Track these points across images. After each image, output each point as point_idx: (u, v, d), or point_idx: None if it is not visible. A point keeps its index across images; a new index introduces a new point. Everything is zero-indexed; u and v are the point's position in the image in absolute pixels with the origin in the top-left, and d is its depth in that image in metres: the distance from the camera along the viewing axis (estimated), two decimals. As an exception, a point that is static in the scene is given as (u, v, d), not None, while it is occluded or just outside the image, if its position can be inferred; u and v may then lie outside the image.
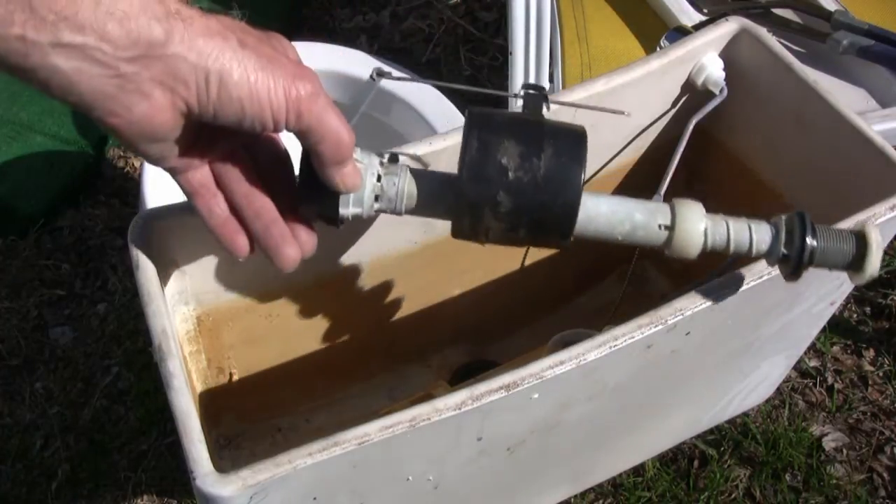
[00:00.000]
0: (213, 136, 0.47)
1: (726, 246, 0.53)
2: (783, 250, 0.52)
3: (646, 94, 0.76)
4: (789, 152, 0.77)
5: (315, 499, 0.55)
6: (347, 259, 0.74)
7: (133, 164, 1.49)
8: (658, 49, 0.98)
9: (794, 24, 1.11)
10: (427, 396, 0.78)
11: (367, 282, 0.77)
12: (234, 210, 0.51)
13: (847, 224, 0.62)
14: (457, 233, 0.51)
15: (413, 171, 0.52)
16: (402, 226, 0.74)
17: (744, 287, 0.60)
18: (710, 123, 0.77)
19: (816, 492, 1.12)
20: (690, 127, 0.75)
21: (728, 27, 0.76)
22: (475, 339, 0.92)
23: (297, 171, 0.51)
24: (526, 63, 1.16)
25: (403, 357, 0.90)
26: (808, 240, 0.52)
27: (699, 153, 0.81)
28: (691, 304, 0.59)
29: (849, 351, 1.27)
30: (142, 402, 1.20)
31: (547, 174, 0.48)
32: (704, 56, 0.76)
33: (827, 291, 0.75)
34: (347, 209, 0.51)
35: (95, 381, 1.23)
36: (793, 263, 0.52)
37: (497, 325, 0.92)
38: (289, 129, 0.46)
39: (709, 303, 0.59)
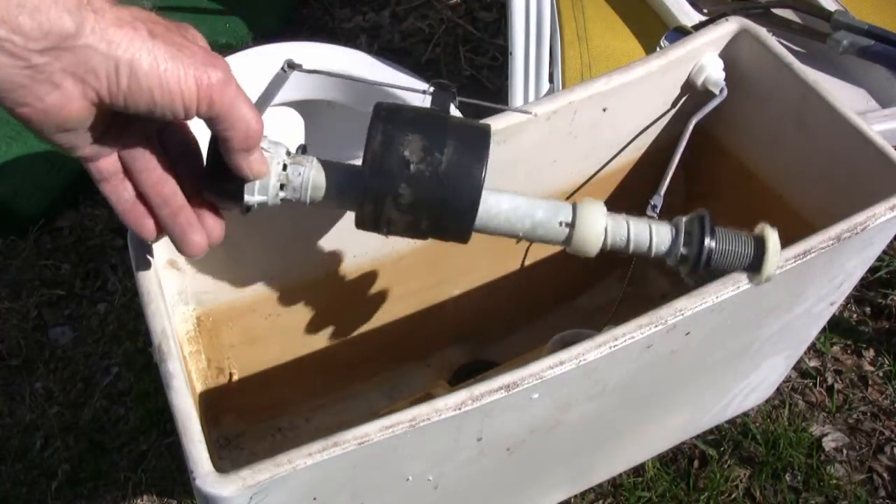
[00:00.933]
0: (125, 124, 0.48)
1: (626, 245, 0.54)
2: (682, 250, 0.54)
3: (646, 94, 0.76)
4: (789, 152, 0.77)
5: (315, 499, 0.55)
6: (347, 259, 0.74)
7: (133, 164, 1.49)
8: (658, 49, 0.98)
9: (794, 24, 1.11)
10: (427, 396, 0.78)
11: (367, 282, 0.77)
12: (142, 196, 0.50)
13: (845, 226, 0.62)
14: (360, 223, 0.52)
15: (320, 162, 0.53)
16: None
17: (744, 287, 0.60)
18: (710, 123, 0.77)
19: (816, 492, 1.12)
20: (690, 127, 0.75)
21: (728, 27, 0.76)
22: (475, 339, 0.92)
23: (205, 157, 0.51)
24: (526, 63, 1.16)
25: (403, 357, 0.90)
26: (707, 241, 0.53)
27: (699, 153, 0.81)
28: (691, 304, 0.59)
29: (849, 351, 1.27)
30: (142, 402, 1.20)
31: (448, 169, 0.49)
32: (704, 56, 0.76)
33: (827, 292, 0.75)
34: (253, 197, 0.51)
35: (95, 381, 1.23)
36: (691, 263, 0.54)
37: (497, 325, 0.92)
38: (200, 117, 0.46)
39: (709, 303, 0.59)
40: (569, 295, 0.96)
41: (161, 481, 1.14)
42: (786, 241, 0.62)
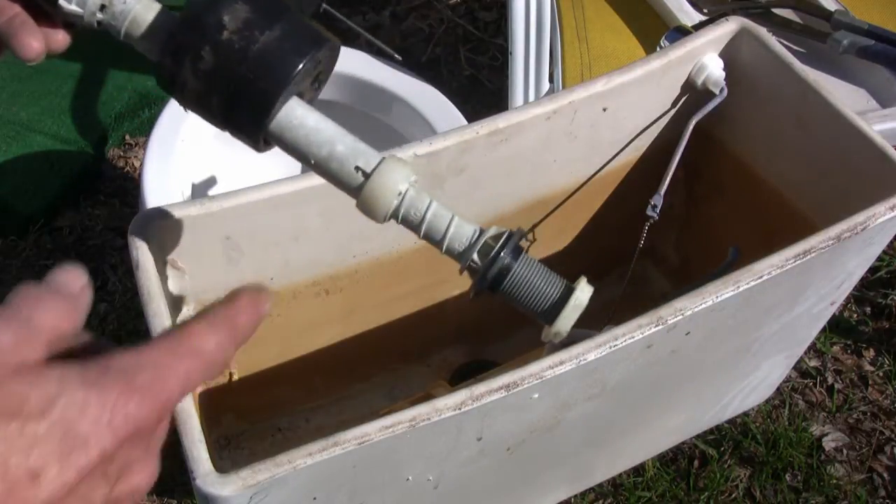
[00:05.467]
0: None
1: (419, 224, 0.49)
2: (475, 257, 0.48)
3: (646, 94, 0.76)
4: (789, 152, 0.77)
5: (315, 499, 0.55)
6: (347, 259, 0.74)
7: (133, 164, 1.49)
8: (658, 49, 0.98)
9: (794, 24, 1.11)
10: (427, 396, 0.78)
11: (366, 282, 0.77)
12: None
13: (845, 226, 0.62)
14: (158, 77, 0.48)
15: (151, 4, 0.50)
16: (403, 226, 0.74)
17: (743, 287, 0.60)
18: (710, 123, 0.77)
19: (816, 492, 1.12)
20: (690, 127, 0.75)
21: (728, 27, 0.76)
22: (475, 339, 0.92)
23: None
24: (526, 63, 1.16)
25: (403, 357, 0.90)
26: (505, 258, 0.47)
27: (699, 153, 0.81)
28: (691, 304, 0.59)
29: (849, 351, 1.27)
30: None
31: (261, 50, 0.45)
32: (704, 56, 0.76)
33: (827, 291, 0.75)
34: (69, 4, 0.48)
35: (95, 381, 1.23)
36: (479, 276, 0.48)
37: (497, 325, 0.92)
38: None
39: (709, 303, 0.59)
40: (569, 295, 0.96)
41: (161, 481, 1.14)
42: (786, 241, 0.62)
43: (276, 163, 1.19)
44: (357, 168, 0.48)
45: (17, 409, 0.28)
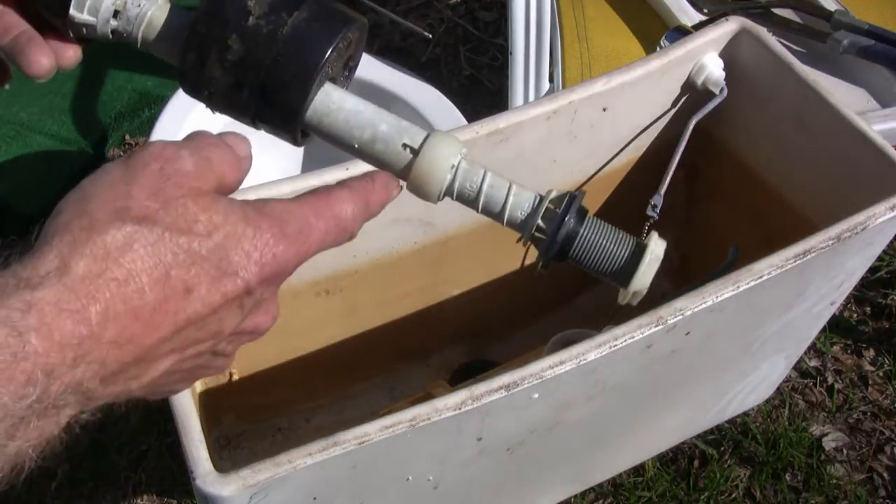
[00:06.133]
0: None
1: (476, 197, 0.46)
2: (540, 222, 0.46)
3: (646, 94, 0.76)
4: (789, 152, 0.77)
5: (315, 499, 0.55)
6: (347, 259, 0.74)
7: (133, 164, 1.49)
8: (658, 49, 0.98)
9: (794, 24, 1.11)
10: (427, 396, 0.78)
11: (367, 282, 0.77)
12: None
13: (845, 226, 0.62)
14: (182, 79, 0.46)
15: (165, 4, 0.48)
16: (403, 226, 0.74)
17: (743, 287, 0.60)
18: (710, 123, 0.77)
19: (816, 492, 1.12)
20: (690, 127, 0.75)
21: (728, 27, 0.76)
22: (475, 339, 0.92)
23: None
24: (526, 63, 1.16)
25: (403, 357, 0.90)
26: (570, 221, 0.45)
27: (699, 153, 0.81)
28: (691, 304, 0.59)
29: (849, 351, 1.27)
30: (142, 401, 1.20)
31: (291, 33, 0.44)
32: (704, 56, 0.76)
33: (827, 291, 0.75)
34: (81, 14, 0.47)
35: (95, 380, 1.23)
36: (546, 242, 0.46)
37: (497, 325, 0.92)
38: None
39: (709, 303, 0.59)
40: (569, 295, 0.96)
41: (161, 481, 1.14)
42: (786, 241, 0.62)
43: (276, 163, 1.20)
44: (405, 146, 0.46)
45: (188, 227, 0.32)
